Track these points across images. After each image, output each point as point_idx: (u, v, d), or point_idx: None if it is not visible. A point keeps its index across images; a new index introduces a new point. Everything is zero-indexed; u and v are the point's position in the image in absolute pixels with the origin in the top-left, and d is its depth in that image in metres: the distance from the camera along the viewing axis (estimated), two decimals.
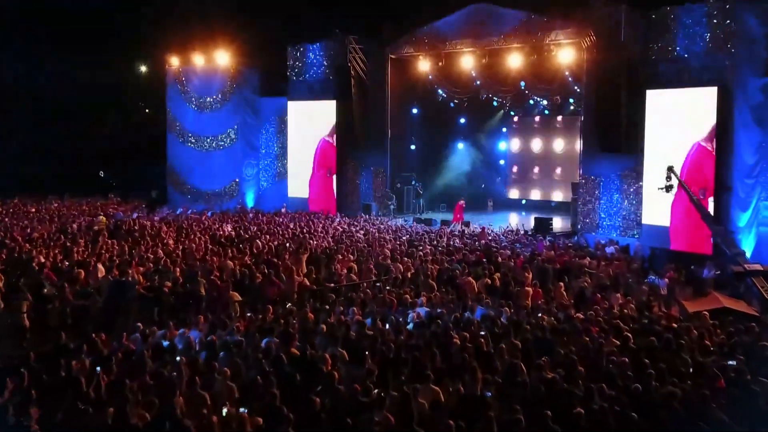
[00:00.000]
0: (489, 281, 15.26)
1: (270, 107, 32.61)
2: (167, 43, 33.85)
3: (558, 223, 24.84)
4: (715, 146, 19.42)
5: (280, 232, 21.57)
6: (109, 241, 19.00)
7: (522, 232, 22.60)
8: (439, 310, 12.39)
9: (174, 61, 33.89)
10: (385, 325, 11.28)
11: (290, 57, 30.85)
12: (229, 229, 22.23)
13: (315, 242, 19.35)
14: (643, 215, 21.31)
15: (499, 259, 17.94)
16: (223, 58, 32.41)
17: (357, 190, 29.26)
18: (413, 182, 29.65)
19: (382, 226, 23.96)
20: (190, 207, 29.91)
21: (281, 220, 24.89)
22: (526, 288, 14.56)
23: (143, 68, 39.84)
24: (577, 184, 23.94)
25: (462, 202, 25.52)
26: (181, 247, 18.54)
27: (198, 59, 33.04)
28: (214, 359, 9.40)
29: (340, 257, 17.15)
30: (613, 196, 22.43)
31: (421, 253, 18.16)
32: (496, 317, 11.89)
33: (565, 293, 14.99)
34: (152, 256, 16.06)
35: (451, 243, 20.29)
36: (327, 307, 12.48)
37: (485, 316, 11.97)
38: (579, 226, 23.22)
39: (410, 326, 11.43)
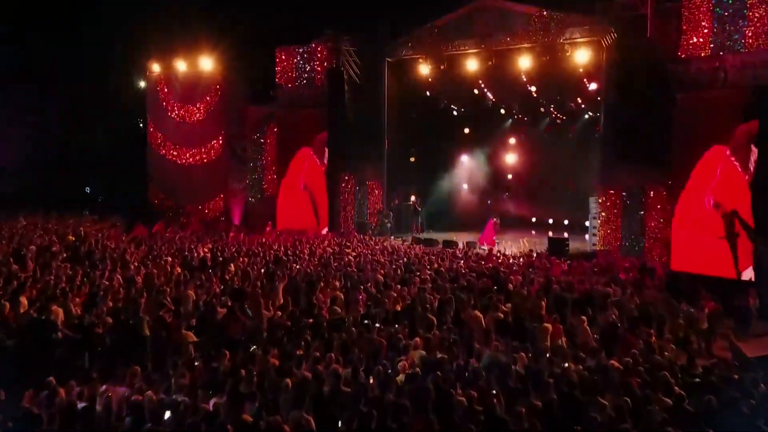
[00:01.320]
0: (500, 315, 12.98)
1: (258, 116, 30.82)
2: (147, 49, 32.43)
3: (574, 244, 22.61)
4: (756, 154, 17.16)
5: (261, 254, 19.41)
6: (63, 266, 16.74)
7: (534, 255, 20.32)
8: (438, 356, 10.11)
9: (155, 68, 32.49)
10: (370, 378, 9.02)
11: (279, 61, 29.01)
12: (205, 251, 20.03)
13: (298, 266, 17.11)
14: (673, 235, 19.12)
15: (510, 286, 15.73)
16: (207, 63, 30.86)
17: (351, 206, 27.34)
18: (412, 198, 27.91)
19: (377, 247, 21.98)
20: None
21: (265, 239, 22.76)
22: (545, 325, 12.26)
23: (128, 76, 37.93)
24: (596, 199, 21.87)
25: (495, 219, 23.02)
26: (144, 272, 16.28)
27: (180, 65, 31.55)
28: (140, 427, 7.19)
29: (324, 285, 14.87)
30: (637, 212, 20.17)
31: (419, 278, 15.95)
32: (510, 366, 9.60)
33: (588, 329, 12.71)
34: (98, 285, 13.74)
35: (455, 266, 18.06)
36: (299, 351, 10.19)
37: (496, 364, 9.68)
38: (597, 247, 21.06)
39: (401, 377, 9.17)
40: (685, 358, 10.72)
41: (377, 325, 12.10)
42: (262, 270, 16.67)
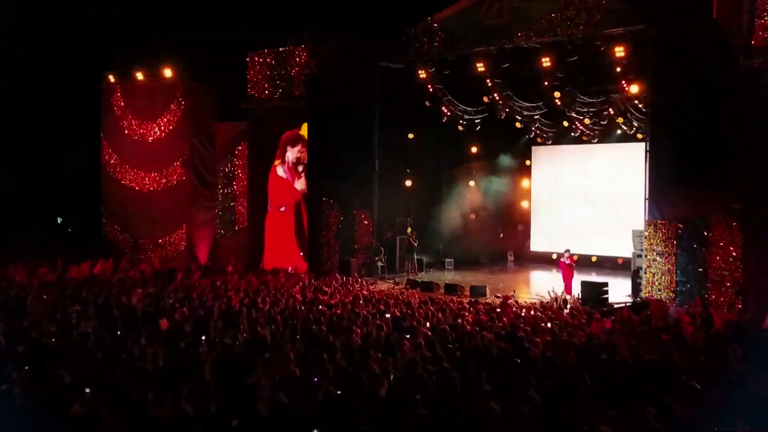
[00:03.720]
0: (527, 410, 8.81)
1: (228, 134, 27.89)
2: (101, 55, 29.16)
3: (613, 290, 18.82)
4: None
5: (207, 305, 15.69)
6: None
7: (565, 306, 16.37)
8: None
9: (110, 78, 29.34)
10: None
11: (250, 68, 25.91)
12: (136, 300, 16.30)
13: (245, 326, 13.13)
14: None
15: (535, 351, 11.71)
16: (168, 73, 27.69)
17: (334, 239, 23.94)
18: (408, 230, 25.04)
19: (362, 293, 18.35)
20: None
21: (220, 284, 19.01)
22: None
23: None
24: (640, 232, 18.28)
25: (569, 253, 19.46)
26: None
27: (138, 75, 28.46)
28: None
29: (271, 357, 10.74)
30: (697, 248, 16.49)
31: (410, 342, 11.94)
32: None
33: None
34: None
35: (460, 322, 13.97)
36: None
37: None
38: (644, 294, 17.34)
39: None
40: None
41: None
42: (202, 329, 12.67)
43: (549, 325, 14.16)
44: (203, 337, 12.34)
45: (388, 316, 14.67)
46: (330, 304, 16.14)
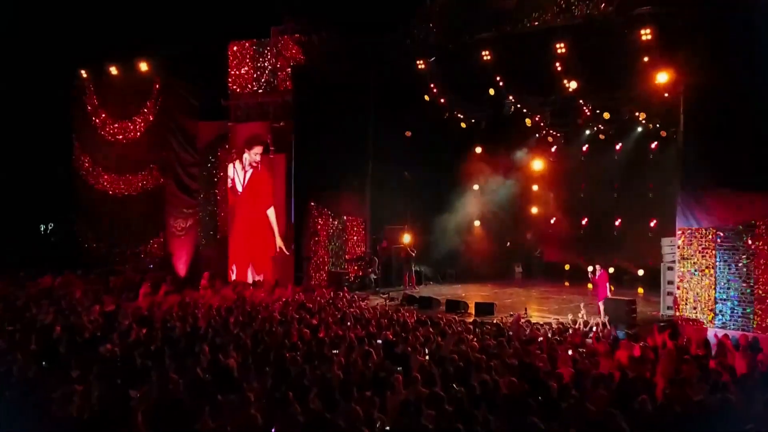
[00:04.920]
0: None
1: (210, 134, 26.76)
2: (73, 49, 27.60)
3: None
4: None
5: (168, 326, 14.03)
6: None
7: (586, 327, 14.41)
8: None
9: (82, 74, 28.10)
10: None
11: (231, 60, 24.93)
12: (87, 320, 14.57)
13: (205, 354, 11.26)
14: None
15: (554, 386, 9.69)
16: (145, 66, 26.50)
17: (323, 249, 23.02)
18: (406, 239, 23.98)
19: (353, 310, 16.74)
20: None
21: (189, 300, 17.56)
22: None
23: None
24: (672, 240, 16.60)
25: (600, 270, 17.52)
26: None
27: (113, 70, 27.19)
28: None
29: (222, 401, 8.70)
30: (738, 260, 14.72)
31: (403, 376, 10.03)
32: None
33: None
34: None
35: (463, 348, 12.13)
36: None
37: None
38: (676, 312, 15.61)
39: None
40: None
41: None
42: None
43: (570, 352, 12.24)
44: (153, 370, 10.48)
45: (379, 341, 12.88)
46: (312, 324, 14.40)
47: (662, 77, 16.69)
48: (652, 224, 23.00)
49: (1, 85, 27.54)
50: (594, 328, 14.30)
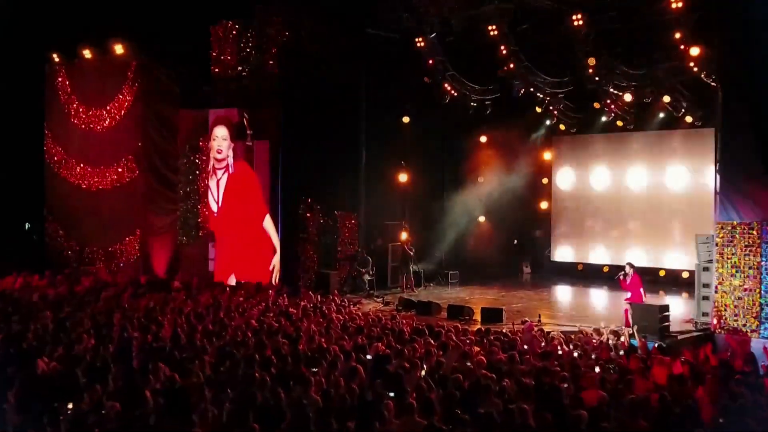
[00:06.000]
0: None
1: (192, 122, 25.45)
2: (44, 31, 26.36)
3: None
4: None
5: (125, 336, 12.75)
6: None
7: (614, 338, 12.87)
8: None
9: (54, 57, 26.80)
10: None
11: (214, 43, 23.74)
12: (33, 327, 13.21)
13: (158, 376, 9.86)
14: None
15: (583, 413, 8.32)
16: (120, 48, 25.25)
17: (312, 247, 22.30)
18: (403, 236, 23.49)
19: (341, 316, 15.66)
20: None
21: (154, 305, 16.18)
22: None
23: None
24: (707, 238, 15.54)
25: (633, 273, 16.00)
26: None
27: (86, 52, 25.91)
28: None
29: None
30: None
31: (395, 402, 8.71)
32: None
33: None
34: None
35: (468, 365, 10.91)
36: None
37: None
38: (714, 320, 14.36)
39: None
40: None
41: None
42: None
43: (597, 369, 10.69)
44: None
45: (368, 356, 11.51)
46: (292, 334, 13.02)
47: (695, 51, 15.65)
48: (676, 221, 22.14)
49: None
50: (622, 339, 12.77)
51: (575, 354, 11.75)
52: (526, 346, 12.14)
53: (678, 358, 11.08)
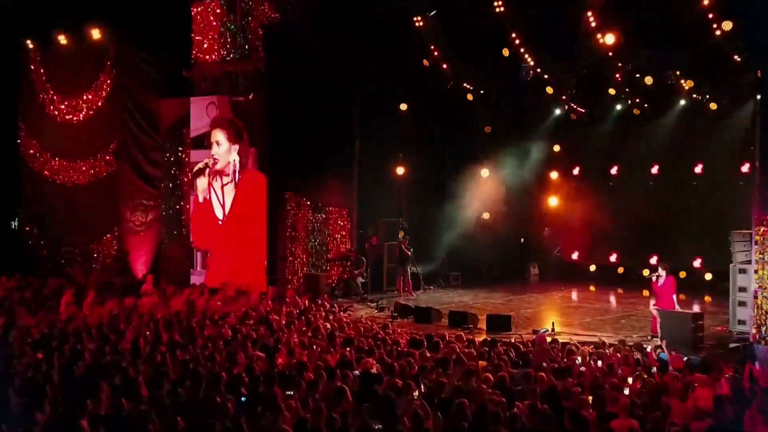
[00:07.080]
0: None
1: (174, 113, 24.48)
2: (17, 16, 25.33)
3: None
4: None
5: (77, 349, 11.72)
6: None
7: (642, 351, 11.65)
8: None
9: (28, 44, 26.19)
10: None
11: (195, 24, 22.80)
12: None
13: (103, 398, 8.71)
14: None
15: None
16: (97, 33, 24.57)
17: (301, 247, 21.52)
18: (400, 235, 22.57)
19: (329, 324, 14.39)
20: None
21: (118, 311, 15.23)
22: None
23: None
24: (744, 236, 14.44)
25: (666, 276, 14.65)
26: None
27: (62, 38, 25.31)
28: None
29: None
30: None
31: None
32: None
33: None
34: None
35: (473, 384, 9.65)
36: None
37: None
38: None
39: None
40: None
41: None
42: None
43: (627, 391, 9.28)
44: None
45: (356, 373, 10.26)
46: (268, 346, 11.84)
47: (727, 24, 14.32)
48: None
49: None
50: (649, 349, 11.56)
51: (597, 371, 10.31)
52: (544, 365, 10.74)
53: (721, 375, 9.70)
